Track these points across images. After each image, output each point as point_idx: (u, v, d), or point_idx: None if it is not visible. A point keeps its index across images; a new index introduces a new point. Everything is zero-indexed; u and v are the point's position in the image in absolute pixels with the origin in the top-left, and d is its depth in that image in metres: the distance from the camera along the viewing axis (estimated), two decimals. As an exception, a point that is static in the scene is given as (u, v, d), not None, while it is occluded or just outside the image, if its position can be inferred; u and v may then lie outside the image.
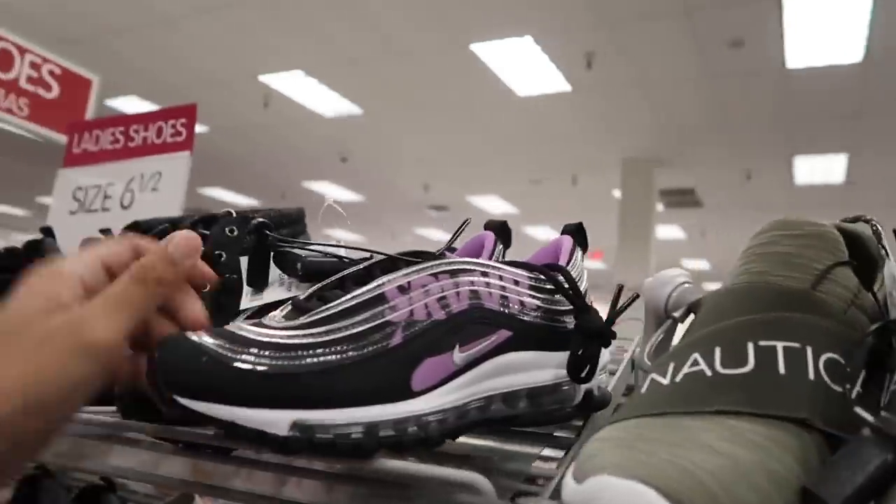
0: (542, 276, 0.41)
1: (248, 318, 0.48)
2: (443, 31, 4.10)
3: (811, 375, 0.28)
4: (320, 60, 4.62)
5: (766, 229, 0.35)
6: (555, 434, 0.45)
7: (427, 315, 0.36)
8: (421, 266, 0.37)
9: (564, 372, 0.39)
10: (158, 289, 0.33)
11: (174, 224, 0.59)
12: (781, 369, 0.29)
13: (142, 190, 0.93)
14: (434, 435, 0.34)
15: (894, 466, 0.24)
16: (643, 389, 0.32)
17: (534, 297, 0.40)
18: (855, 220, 0.37)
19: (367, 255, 0.44)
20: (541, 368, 0.40)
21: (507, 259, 0.44)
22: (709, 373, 0.30)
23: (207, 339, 0.32)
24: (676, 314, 0.36)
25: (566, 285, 0.40)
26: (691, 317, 0.37)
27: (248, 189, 7.88)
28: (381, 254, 0.41)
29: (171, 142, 0.93)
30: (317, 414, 0.31)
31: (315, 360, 0.32)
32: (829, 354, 0.29)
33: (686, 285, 0.36)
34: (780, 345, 0.29)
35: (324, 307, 0.35)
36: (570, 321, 0.41)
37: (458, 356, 0.36)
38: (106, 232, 0.73)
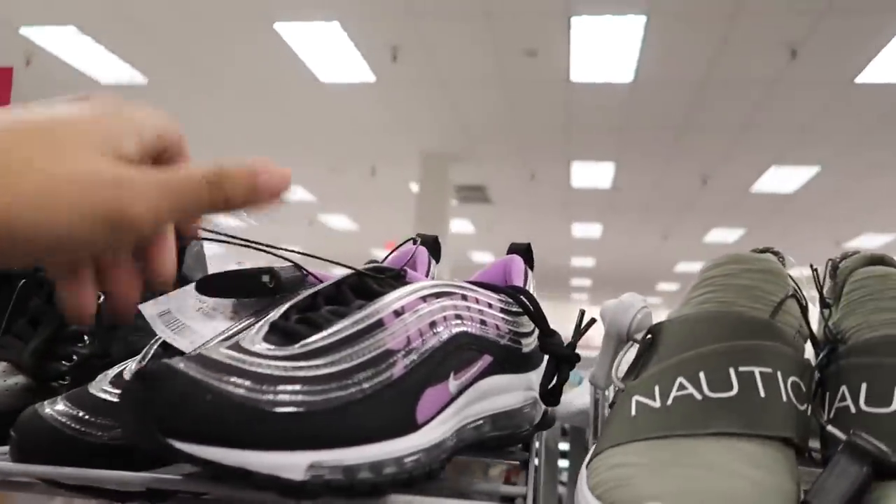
0: (510, 299, 0.41)
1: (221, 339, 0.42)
2: (245, 5, 3.89)
3: (784, 397, 0.32)
4: (98, 17, 4.12)
5: (722, 262, 0.39)
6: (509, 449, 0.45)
7: (422, 342, 0.35)
8: (409, 289, 0.36)
9: (531, 394, 0.41)
10: (220, 208, 0.29)
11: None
12: (762, 392, 0.32)
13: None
14: (436, 466, 0.33)
15: (869, 477, 0.29)
16: (632, 412, 0.33)
17: (505, 320, 0.41)
18: (764, 251, 0.42)
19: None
20: (511, 391, 0.41)
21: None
22: (699, 396, 0.32)
23: (199, 371, 0.28)
24: (637, 337, 0.38)
25: (532, 308, 0.41)
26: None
27: None
28: (348, 267, 0.39)
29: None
30: (332, 454, 0.29)
31: (326, 396, 0.30)
32: (793, 378, 0.33)
33: (645, 310, 0.39)
34: (756, 370, 0.33)
35: (320, 334, 0.32)
36: (527, 343, 0.42)
37: (453, 384, 0.36)
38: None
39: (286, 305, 0.36)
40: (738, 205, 7.11)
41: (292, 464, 0.28)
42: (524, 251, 0.48)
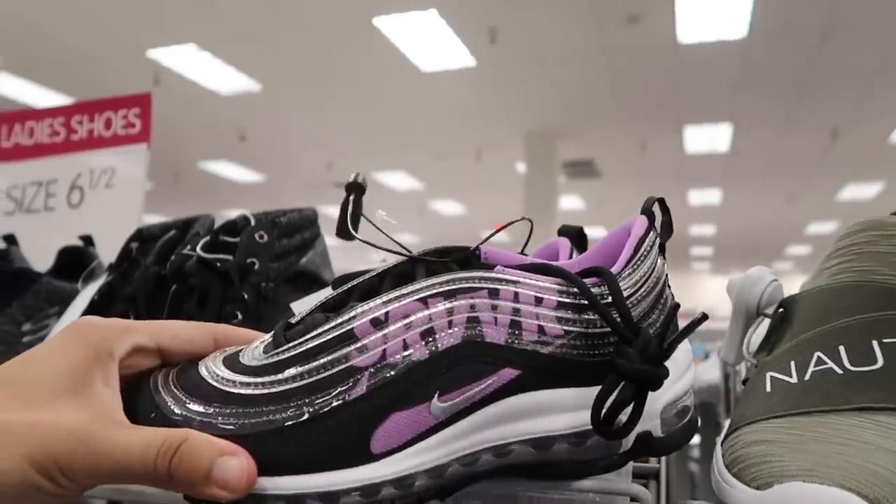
0: (576, 289, 0.31)
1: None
2: (344, 4, 4.00)
3: (934, 368, 0.31)
4: (214, 34, 4.39)
5: (858, 229, 0.37)
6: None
7: (403, 355, 0.29)
8: (407, 290, 0.30)
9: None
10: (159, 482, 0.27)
11: (182, 229, 0.55)
12: (909, 364, 0.31)
13: (93, 187, 0.86)
14: (401, 502, 0.29)
15: None
16: (767, 388, 0.33)
17: (562, 318, 0.31)
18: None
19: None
20: (568, 411, 0.31)
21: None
22: (839, 371, 0.32)
23: (161, 392, 0.30)
24: (768, 311, 0.38)
25: (609, 298, 0.31)
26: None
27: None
28: (401, 254, 0.33)
29: (124, 134, 0.86)
30: (268, 482, 0.28)
31: (267, 417, 0.28)
32: (943, 347, 0.32)
33: (775, 283, 0.38)
34: (903, 341, 0.31)
35: (285, 346, 0.30)
36: (606, 346, 0.31)
37: (438, 407, 0.30)
38: (86, 239, 0.67)
39: (311, 306, 0.33)
40: (875, 157, 6.53)
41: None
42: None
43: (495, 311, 0.30)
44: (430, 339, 0.30)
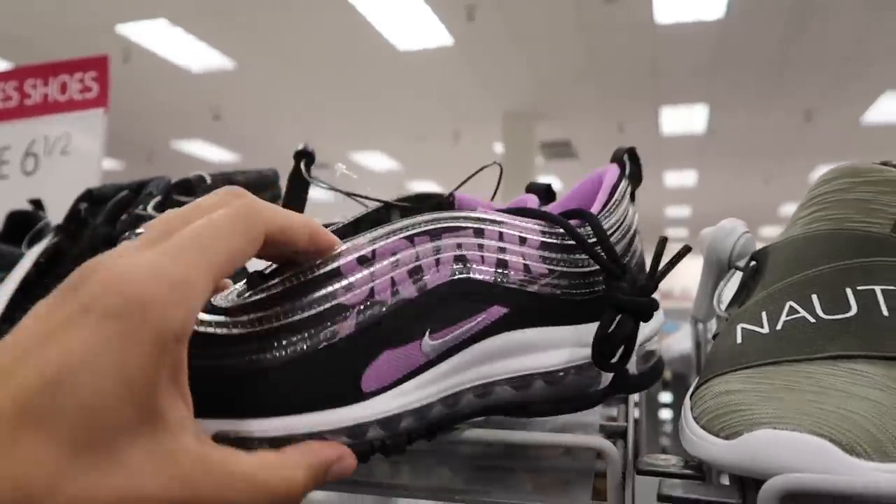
0: (560, 230, 0.32)
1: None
2: (320, -20, 3.93)
3: (910, 315, 0.30)
4: (186, 8, 4.28)
5: (832, 177, 0.36)
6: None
7: (392, 293, 0.29)
8: (393, 227, 0.30)
9: (585, 352, 0.32)
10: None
11: (136, 190, 0.53)
12: (884, 311, 0.30)
13: (48, 153, 0.82)
14: (399, 441, 0.29)
15: None
16: (738, 340, 0.32)
17: (546, 258, 0.32)
18: (884, 164, 0.39)
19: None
20: (552, 349, 0.32)
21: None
22: (812, 319, 0.30)
23: None
24: (740, 264, 0.36)
25: (593, 239, 0.32)
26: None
27: (110, 150, 7.25)
28: (379, 200, 0.34)
29: (81, 98, 0.82)
30: (242, 425, 0.25)
31: (251, 357, 0.26)
32: (920, 294, 0.30)
33: (747, 235, 0.37)
34: (878, 288, 0.30)
35: (263, 286, 0.28)
36: (588, 286, 0.33)
37: (429, 345, 0.29)
38: (36, 203, 0.64)
39: None
40: (848, 139, 6.61)
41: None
42: (629, 157, 0.37)
43: (482, 249, 0.31)
44: (418, 277, 0.29)
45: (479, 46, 4.77)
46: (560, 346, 0.32)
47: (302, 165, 0.38)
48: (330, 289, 0.28)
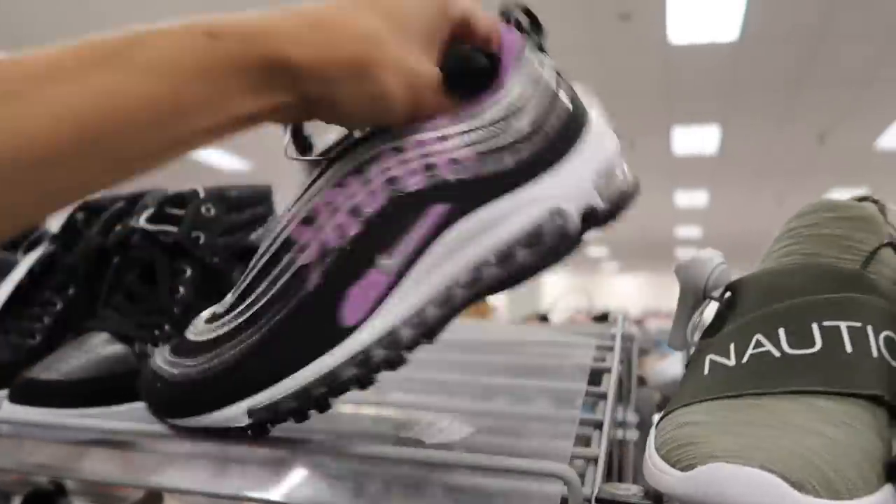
0: (480, 111, 0.33)
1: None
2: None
3: (874, 353, 0.30)
4: (194, 11, 4.33)
5: (808, 211, 0.36)
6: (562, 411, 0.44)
7: (340, 236, 0.31)
8: (322, 183, 0.32)
9: (553, 201, 0.32)
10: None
11: (132, 201, 0.54)
12: (848, 348, 0.30)
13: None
14: (393, 359, 0.31)
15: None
16: (705, 371, 0.32)
17: (471, 144, 0.32)
18: (862, 199, 0.39)
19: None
20: (511, 214, 0.32)
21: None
22: (777, 353, 0.31)
23: (158, 361, 0.33)
24: (715, 294, 0.37)
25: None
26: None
27: None
28: (314, 159, 0.34)
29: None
30: (265, 395, 0.30)
31: (245, 343, 0.31)
32: (887, 332, 0.31)
33: (723, 266, 0.37)
34: (843, 324, 0.30)
35: (242, 279, 0.33)
36: (526, 145, 0.33)
37: (384, 263, 0.31)
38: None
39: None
40: (861, 163, 6.58)
41: (235, 415, 0.31)
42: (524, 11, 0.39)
43: (407, 163, 0.32)
44: (358, 213, 0.31)
45: (493, 62, 4.80)
46: (516, 212, 0.33)
47: None
48: (289, 256, 0.31)
